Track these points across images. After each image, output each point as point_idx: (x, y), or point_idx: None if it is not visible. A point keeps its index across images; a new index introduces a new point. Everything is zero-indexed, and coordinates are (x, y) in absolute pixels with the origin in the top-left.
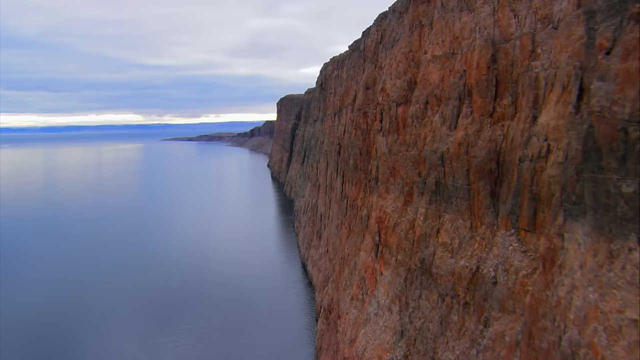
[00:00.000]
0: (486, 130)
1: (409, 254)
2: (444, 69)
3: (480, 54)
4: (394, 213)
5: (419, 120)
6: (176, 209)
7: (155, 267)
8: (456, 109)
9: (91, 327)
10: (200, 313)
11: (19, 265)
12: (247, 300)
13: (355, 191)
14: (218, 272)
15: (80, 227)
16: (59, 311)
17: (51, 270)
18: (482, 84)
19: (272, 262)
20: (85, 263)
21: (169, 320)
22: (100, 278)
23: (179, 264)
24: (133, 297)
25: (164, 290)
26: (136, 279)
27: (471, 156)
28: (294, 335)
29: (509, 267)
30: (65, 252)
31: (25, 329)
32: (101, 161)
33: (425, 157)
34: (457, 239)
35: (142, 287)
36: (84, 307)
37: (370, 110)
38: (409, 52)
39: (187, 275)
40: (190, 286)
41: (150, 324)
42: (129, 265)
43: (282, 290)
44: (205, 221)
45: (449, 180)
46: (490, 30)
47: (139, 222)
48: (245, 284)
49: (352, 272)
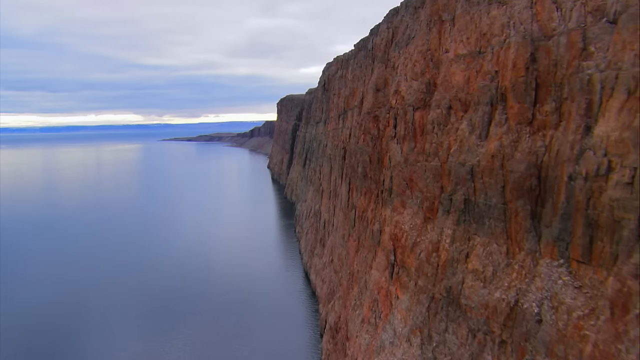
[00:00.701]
0: (524, 140)
1: (432, 280)
2: (469, 69)
3: (517, 53)
4: (412, 231)
5: (440, 127)
6: (175, 210)
7: (154, 268)
8: (487, 115)
9: (91, 327)
10: (200, 321)
11: (19, 265)
12: (248, 309)
13: (365, 202)
14: (218, 277)
15: (80, 227)
16: (58, 311)
17: (51, 270)
18: (519, 87)
19: (274, 269)
20: (85, 263)
21: (167, 323)
22: (100, 278)
23: (177, 267)
24: (132, 297)
25: (162, 292)
26: (135, 279)
27: (507, 171)
28: (296, 349)
29: (558, 305)
30: (65, 252)
31: (25, 329)
32: (100, 162)
33: (450, 169)
34: (491, 266)
35: (141, 287)
36: (83, 307)
37: (381, 115)
38: (426, 51)
39: (185, 280)
40: (187, 292)
41: (149, 324)
42: (128, 265)
43: (284, 300)
44: (205, 224)
45: (480, 197)
46: (527, 25)
47: (138, 222)
48: (245, 292)
49: (362, 291)
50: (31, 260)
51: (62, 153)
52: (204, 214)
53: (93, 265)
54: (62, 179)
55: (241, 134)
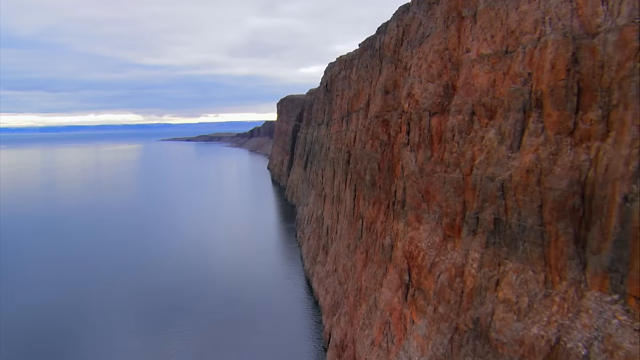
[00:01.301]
0: (565, 153)
1: (456, 308)
2: (494, 71)
3: (556, 53)
4: (430, 250)
5: (462, 135)
6: (175, 211)
7: (153, 268)
8: (520, 123)
9: (91, 327)
10: (200, 321)
11: (19, 265)
12: (248, 316)
13: (373, 212)
14: (218, 278)
15: (80, 227)
16: (58, 311)
17: (51, 270)
18: (558, 91)
19: (274, 275)
20: (84, 263)
21: (166, 323)
22: (100, 278)
23: (176, 267)
24: (131, 297)
25: (162, 292)
26: (134, 278)
27: (545, 188)
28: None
29: (613, 349)
30: (65, 252)
31: (25, 329)
32: (100, 162)
33: (476, 183)
34: (526, 296)
35: (140, 287)
36: (83, 307)
37: (392, 119)
38: (444, 51)
39: (184, 281)
40: (186, 292)
41: (148, 324)
42: (127, 265)
43: (285, 308)
44: (204, 226)
45: (513, 217)
46: (566, 21)
47: (137, 222)
48: (246, 298)
49: (371, 310)
50: (31, 260)
51: (62, 153)
52: (204, 218)
53: (93, 265)
54: (62, 179)
55: (241, 134)
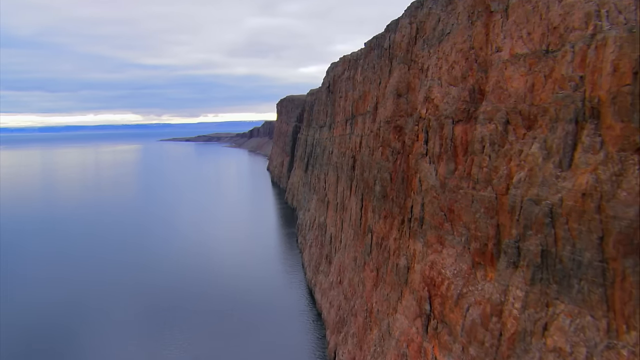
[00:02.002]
0: (632, 174)
1: (492, 353)
2: (532, 73)
3: (619, 52)
4: (457, 278)
5: (494, 147)
6: (174, 211)
7: (153, 268)
8: (571, 136)
9: (91, 327)
10: (199, 323)
11: (19, 265)
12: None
13: (385, 227)
14: (217, 278)
15: (80, 228)
16: (59, 311)
17: (51, 270)
18: (622, 99)
19: (275, 283)
20: (84, 263)
21: (166, 324)
22: (100, 278)
23: (176, 268)
24: (131, 297)
25: (161, 292)
26: (134, 278)
27: (608, 216)
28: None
29: None
30: (65, 252)
31: (25, 329)
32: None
33: (514, 205)
34: (583, 346)
35: (139, 287)
36: (83, 307)
37: (407, 126)
38: (469, 50)
39: (184, 281)
40: (186, 292)
41: (148, 324)
42: (127, 265)
43: (286, 319)
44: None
45: (566, 250)
46: (629, 14)
47: (137, 223)
48: (245, 307)
49: (384, 337)
50: (31, 260)
51: (61, 153)
52: (204, 220)
53: (93, 265)
54: (61, 179)
55: (240, 134)
